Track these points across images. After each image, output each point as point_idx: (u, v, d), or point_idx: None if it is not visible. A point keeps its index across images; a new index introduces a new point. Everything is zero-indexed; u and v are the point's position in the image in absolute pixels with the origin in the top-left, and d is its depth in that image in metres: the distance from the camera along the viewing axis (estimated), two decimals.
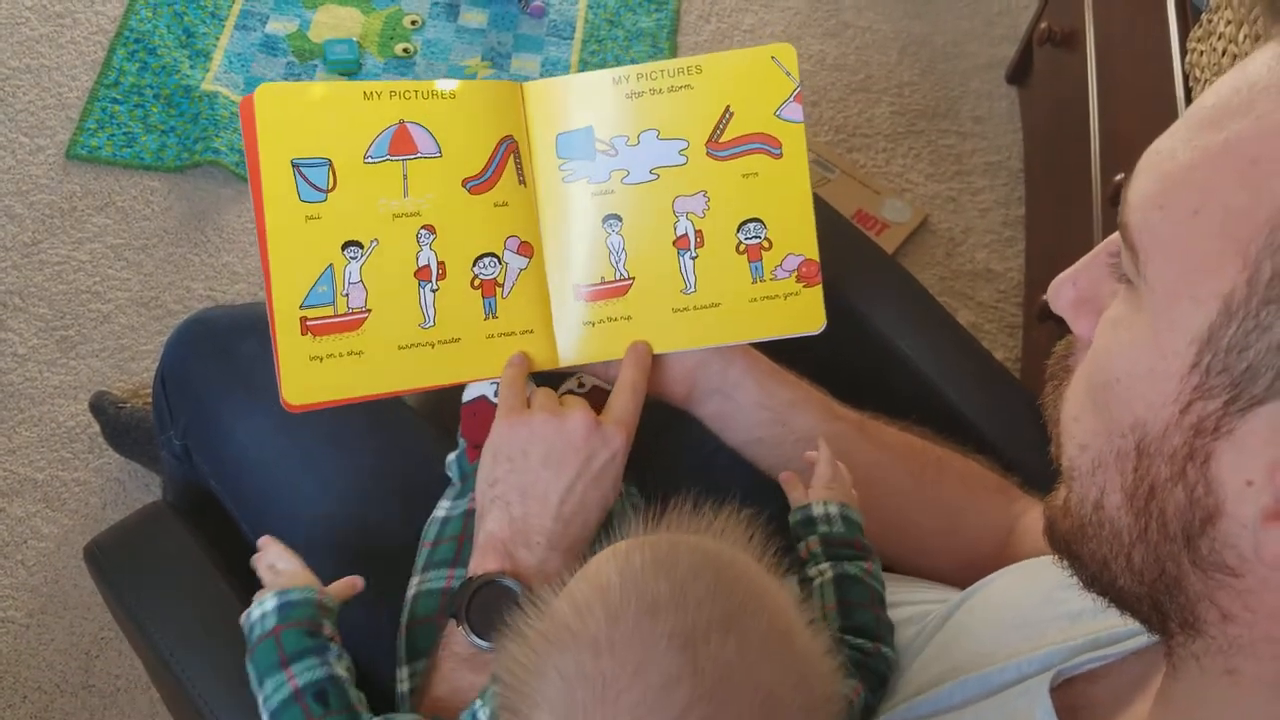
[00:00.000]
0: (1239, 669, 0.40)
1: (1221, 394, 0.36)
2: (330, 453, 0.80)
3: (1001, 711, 0.52)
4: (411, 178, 0.72)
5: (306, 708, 0.60)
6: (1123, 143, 1.29)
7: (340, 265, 0.70)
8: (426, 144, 0.73)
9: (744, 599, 0.46)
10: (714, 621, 0.45)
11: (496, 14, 1.88)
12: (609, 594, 0.46)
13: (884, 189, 1.75)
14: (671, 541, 0.49)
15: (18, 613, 1.34)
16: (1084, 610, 0.55)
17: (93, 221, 1.62)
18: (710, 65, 0.74)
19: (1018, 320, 1.64)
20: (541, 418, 0.69)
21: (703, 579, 0.46)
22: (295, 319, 0.70)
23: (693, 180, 0.74)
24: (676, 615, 0.45)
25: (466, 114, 0.74)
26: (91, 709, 1.29)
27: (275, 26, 1.82)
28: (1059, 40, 1.60)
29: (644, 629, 0.44)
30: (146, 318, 1.55)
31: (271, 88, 0.70)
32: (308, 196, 0.70)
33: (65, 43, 1.77)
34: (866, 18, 1.95)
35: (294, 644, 0.62)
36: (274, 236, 0.70)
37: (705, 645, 0.44)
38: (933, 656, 0.60)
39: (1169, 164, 0.38)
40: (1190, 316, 0.36)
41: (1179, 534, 0.39)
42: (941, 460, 0.80)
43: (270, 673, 0.61)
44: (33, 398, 1.47)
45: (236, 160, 1.66)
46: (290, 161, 0.70)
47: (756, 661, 0.45)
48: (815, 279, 0.75)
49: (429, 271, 0.72)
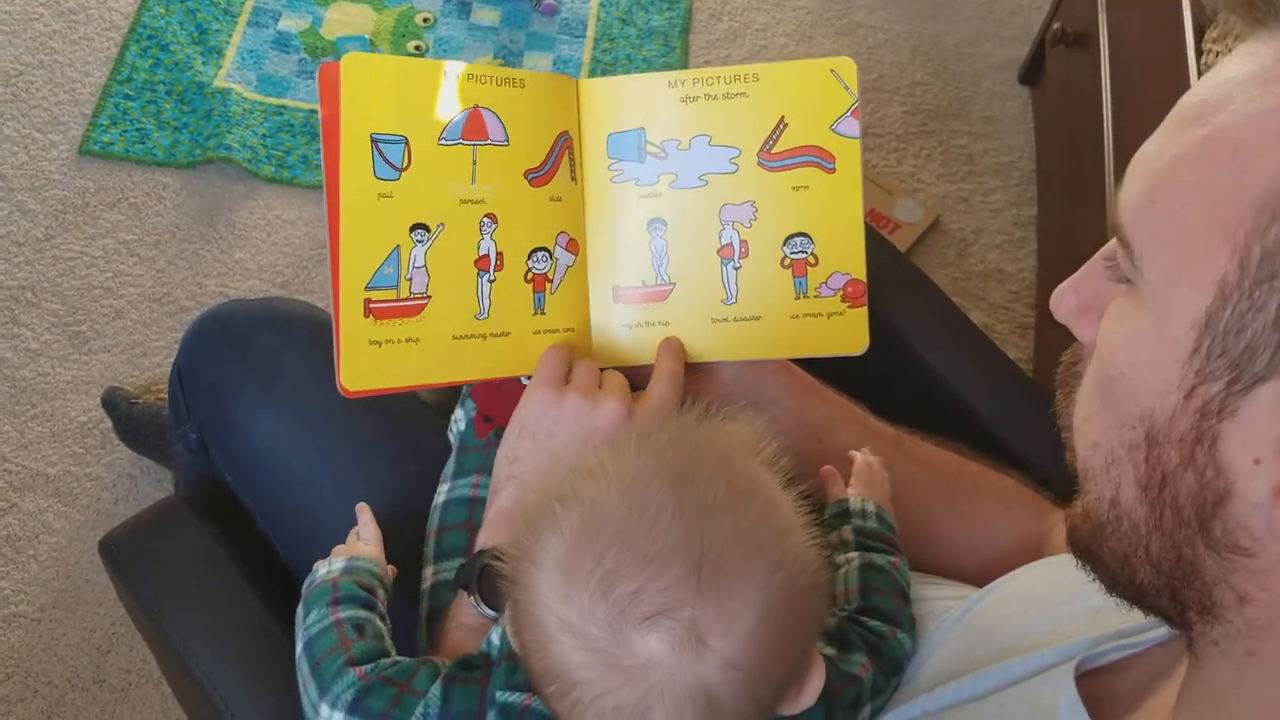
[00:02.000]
0: (1259, 651, 0.41)
1: (1223, 375, 0.37)
2: (347, 447, 0.80)
3: (1024, 701, 0.52)
4: (480, 164, 0.71)
5: (343, 633, 0.61)
6: (1136, 144, 1.28)
7: (407, 248, 0.69)
8: (496, 131, 0.71)
9: (741, 478, 0.49)
10: (709, 470, 0.48)
11: (509, 11, 1.88)
12: (618, 444, 0.49)
13: (896, 189, 1.75)
14: (682, 427, 0.51)
15: (29, 607, 1.34)
16: (1107, 604, 0.55)
17: (105, 217, 1.62)
18: (768, 74, 0.73)
19: (1029, 321, 1.64)
20: (574, 399, 0.67)
21: (710, 450, 0.49)
22: (360, 300, 0.67)
23: (741, 189, 0.73)
24: (676, 458, 0.48)
25: (532, 105, 0.73)
26: (103, 704, 1.29)
27: (288, 23, 1.83)
28: (1072, 41, 1.59)
29: (644, 466, 0.47)
30: (159, 313, 1.55)
31: (359, 57, 0.68)
32: (383, 174, 0.68)
33: (78, 39, 1.77)
34: (878, 17, 1.95)
35: (348, 591, 0.64)
36: (348, 212, 0.67)
37: (693, 484, 0.46)
38: (954, 648, 0.61)
39: (1156, 163, 0.40)
40: (1188, 303, 0.37)
41: (1193, 518, 0.39)
42: (976, 476, 0.80)
43: (318, 606, 0.63)
44: (45, 393, 1.48)
45: (248, 157, 1.66)
46: (370, 136, 0.68)
47: (739, 505, 0.47)
48: (861, 300, 0.73)
49: (488, 261, 0.71)
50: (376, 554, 0.67)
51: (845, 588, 0.64)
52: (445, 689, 0.57)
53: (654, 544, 0.45)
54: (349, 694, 0.58)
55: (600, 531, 0.45)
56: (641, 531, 0.45)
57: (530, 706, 0.54)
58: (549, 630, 0.46)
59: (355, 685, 0.58)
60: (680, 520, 0.45)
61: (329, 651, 0.60)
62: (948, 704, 0.56)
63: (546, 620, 0.46)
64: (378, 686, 0.58)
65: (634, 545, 0.45)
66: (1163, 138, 0.40)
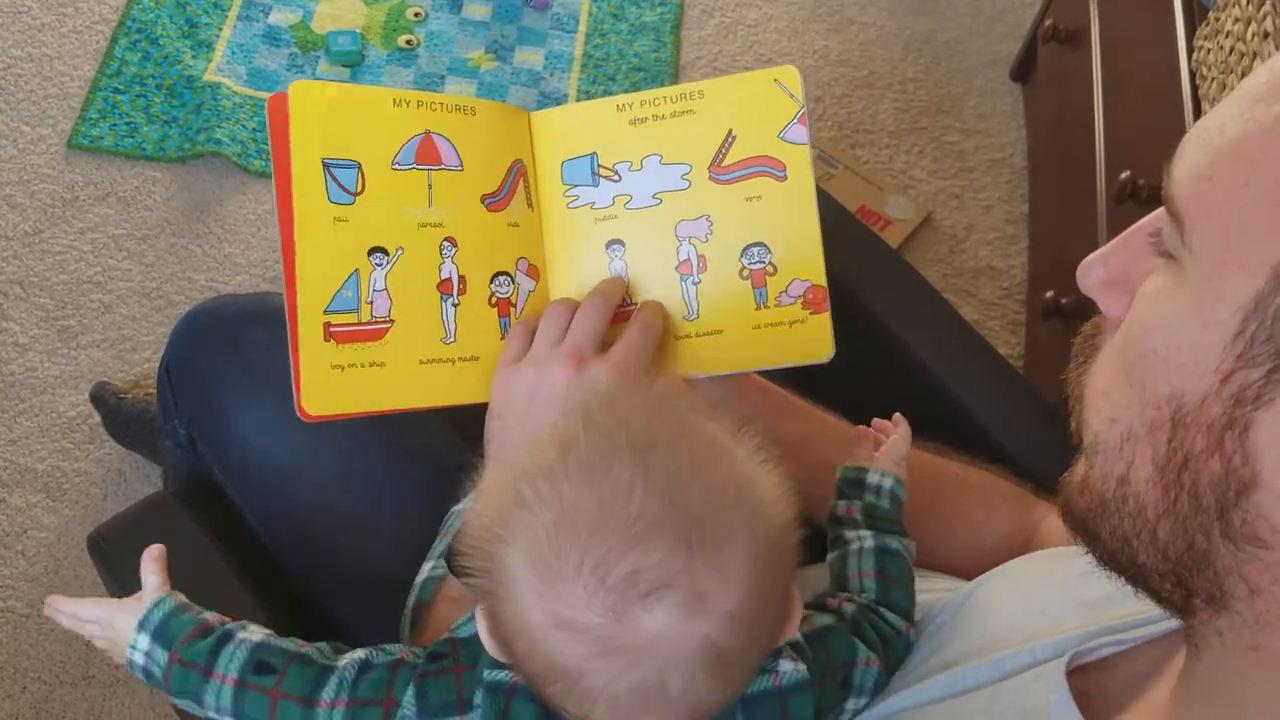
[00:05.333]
0: (1262, 645, 0.40)
1: (1266, 362, 0.36)
2: (336, 442, 0.79)
3: (1015, 695, 0.52)
4: (435, 189, 0.71)
5: (260, 687, 0.57)
6: (1127, 141, 1.29)
7: (366, 271, 0.69)
8: (450, 157, 0.72)
9: (698, 437, 0.49)
10: (667, 436, 0.47)
11: (500, 6, 1.88)
12: (562, 431, 0.48)
13: (887, 185, 1.75)
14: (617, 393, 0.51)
15: (18, 603, 1.34)
16: (1100, 599, 0.55)
17: (94, 211, 1.61)
18: (712, 90, 0.73)
19: (1020, 318, 1.64)
20: (525, 369, 0.68)
21: (657, 416, 0.49)
22: (319, 324, 0.67)
23: (695, 204, 0.73)
24: (628, 432, 0.47)
25: (484, 132, 0.73)
26: (91, 700, 1.29)
27: (278, 17, 1.82)
28: (1064, 37, 1.60)
29: (598, 448, 0.46)
30: (148, 308, 1.55)
31: (306, 85, 0.68)
32: (337, 198, 0.68)
33: (67, 32, 1.76)
34: (870, 14, 1.95)
35: (195, 653, 0.58)
36: (302, 236, 0.67)
37: (654, 453, 0.46)
38: (944, 641, 0.60)
39: (1218, 138, 0.38)
40: (1237, 285, 0.37)
41: (1211, 506, 0.39)
42: (960, 476, 0.80)
43: (200, 689, 0.57)
44: (34, 388, 1.47)
45: (238, 151, 1.66)
46: (321, 160, 0.68)
47: (705, 465, 0.47)
48: (823, 306, 0.73)
49: (451, 285, 0.71)
50: (140, 593, 0.62)
51: (859, 570, 0.63)
52: (419, 688, 0.55)
53: (635, 522, 0.45)
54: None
55: (577, 523, 0.45)
56: (618, 512, 0.45)
57: (519, 684, 0.54)
58: (541, 630, 0.46)
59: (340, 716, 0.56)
60: (653, 492, 0.45)
61: (271, 711, 0.56)
62: (938, 696, 0.56)
63: (538, 621, 0.46)
64: (360, 713, 0.56)
65: (616, 528, 0.45)
66: (1228, 113, 0.39)
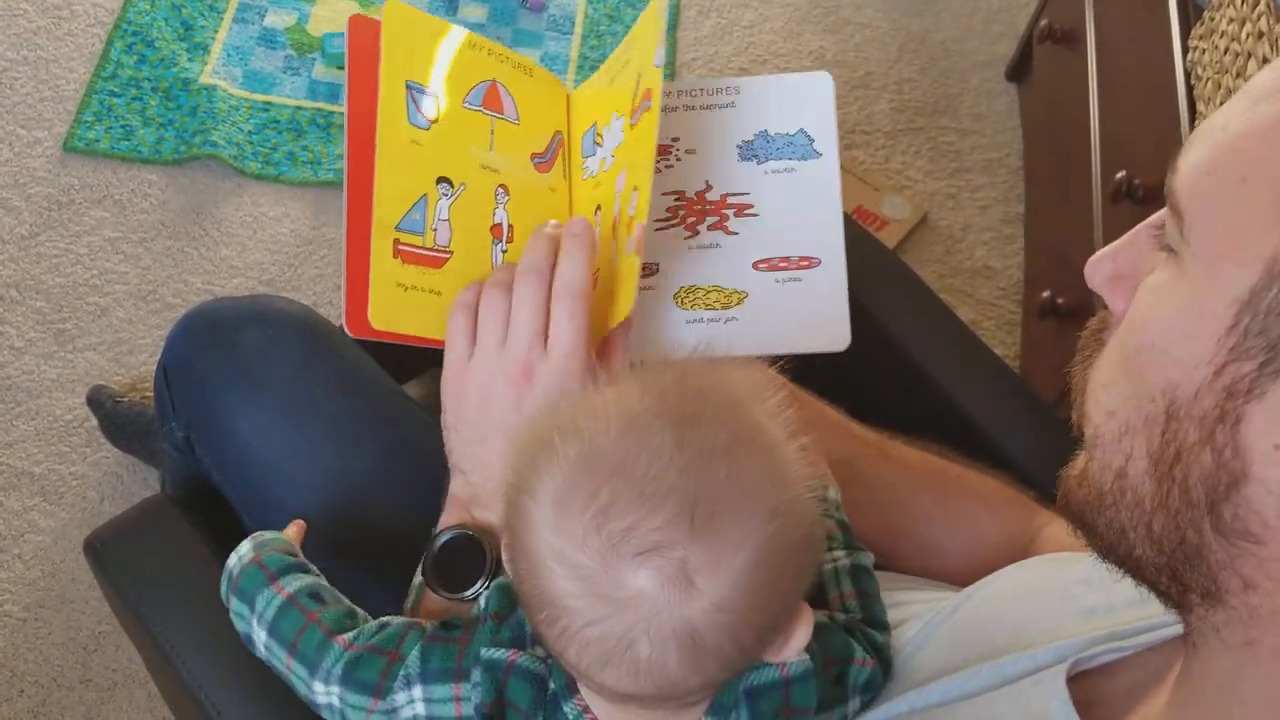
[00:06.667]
0: (1258, 640, 0.41)
1: (1258, 355, 0.36)
2: (334, 444, 0.79)
3: (1015, 702, 0.52)
4: (496, 135, 0.73)
5: (303, 607, 0.60)
6: (1123, 141, 1.29)
7: (433, 199, 0.70)
8: (510, 109, 0.74)
9: (745, 425, 0.48)
10: (713, 413, 0.47)
11: (496, 8, 1.88)
12: (621, 386, 0.49)
13: (883, 186, 1.75)
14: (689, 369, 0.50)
15: (15, 607, 1.33)
16: (1100, 606, 0.55)
17: (90, 214, 1.61)
18: (635, 43, 0.74)
19: (1016, 318, 1.65)
20: (476, 376, 0.65)
21: (714, 405, 0.48)
22: (390, 239, 0.68)
23: (620, 161, 0.71)
24: (680, 400, 0.47)
25: (537, 94, 0.75)
26: (88, 703, 1.28)
27: (274, 20, 1.82)
28: (1059, 37, 1.60)
29: (648, 406, 0.47)
30: (144, 311, 1.55)
31: (400, 7, 0.70)
32: (415, 121, 0.70)
33: (63, 35, 1.76)
34: (865, 14, 1.95)
35: (277, 563, 0.62)
36: (383, 152, 0.68)
37: (696, 427, 0.46)
38: (944, 644, 0.60)
39: (1221, 135, 0.39)
40: (1232, 279, 0.37)
41: (1202, 500, 0.39)
42: (960, 478, 0.80)
43: (258, 591, 0.61)
44: (30, 391, 1.47)
45: (234, 154, 1.65)
46: (405, 82, 0.70)
47: (740, 452, 0.47)
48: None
49: (501, 230, 0.72)
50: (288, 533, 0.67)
51: (840, 592, 0.63)
52: (424, 649, 0.58)
53: (650, 483, 0.45)
54: (339, 668, 0.58)
55: (597, 467, 0.46)
56: (639, 470, 0.45)
57: (516, 662, 0.55)
58: (542, 558, 0.47)
59: (343, 657, 0.58)
60: (678, 462, 0.45)
61: (300, 630, 0.60)
62: (936, 701, 0.56)
63: (540, 549, 0.47)
64: (366, 657, 0.58)
65: (630, 483, 0.45)
66: (1232, 111, 0.39)
